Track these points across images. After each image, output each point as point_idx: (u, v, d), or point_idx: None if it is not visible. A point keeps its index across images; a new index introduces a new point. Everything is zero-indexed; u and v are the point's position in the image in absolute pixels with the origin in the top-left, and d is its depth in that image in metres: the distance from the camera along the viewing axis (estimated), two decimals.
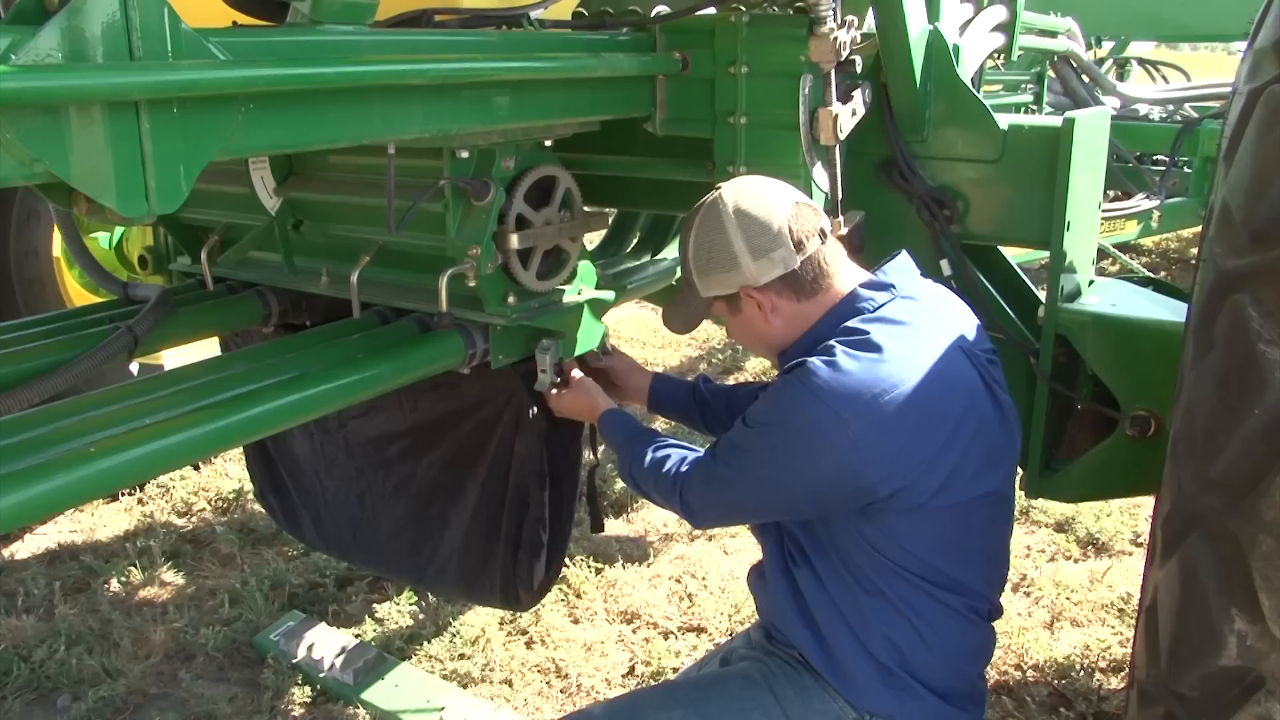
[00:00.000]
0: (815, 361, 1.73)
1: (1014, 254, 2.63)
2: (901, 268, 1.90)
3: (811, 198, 2.00)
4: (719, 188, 1.86)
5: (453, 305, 2.05)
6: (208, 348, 2.73)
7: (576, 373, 2.27)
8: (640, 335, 6.73)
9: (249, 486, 4.23)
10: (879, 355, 1.73)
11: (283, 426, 1.84)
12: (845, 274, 1.87)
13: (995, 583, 1.98)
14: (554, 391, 2.27)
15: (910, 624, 1.85)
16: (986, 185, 2.37)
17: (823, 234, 1.85)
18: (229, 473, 4.67)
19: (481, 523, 2.49)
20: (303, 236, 2.36)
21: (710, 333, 6.77)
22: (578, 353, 2.29)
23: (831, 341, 1.76)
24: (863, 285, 1.85)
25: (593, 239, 3.37)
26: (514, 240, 2.03)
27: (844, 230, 2.16)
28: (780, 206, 1.82)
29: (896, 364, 1.73)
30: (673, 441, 2.07)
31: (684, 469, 1.96)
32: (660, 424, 5.29)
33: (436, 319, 2.07)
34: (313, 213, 2.32)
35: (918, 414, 1.72)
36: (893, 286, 1.86)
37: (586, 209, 2.24)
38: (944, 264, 2.42)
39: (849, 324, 1.80)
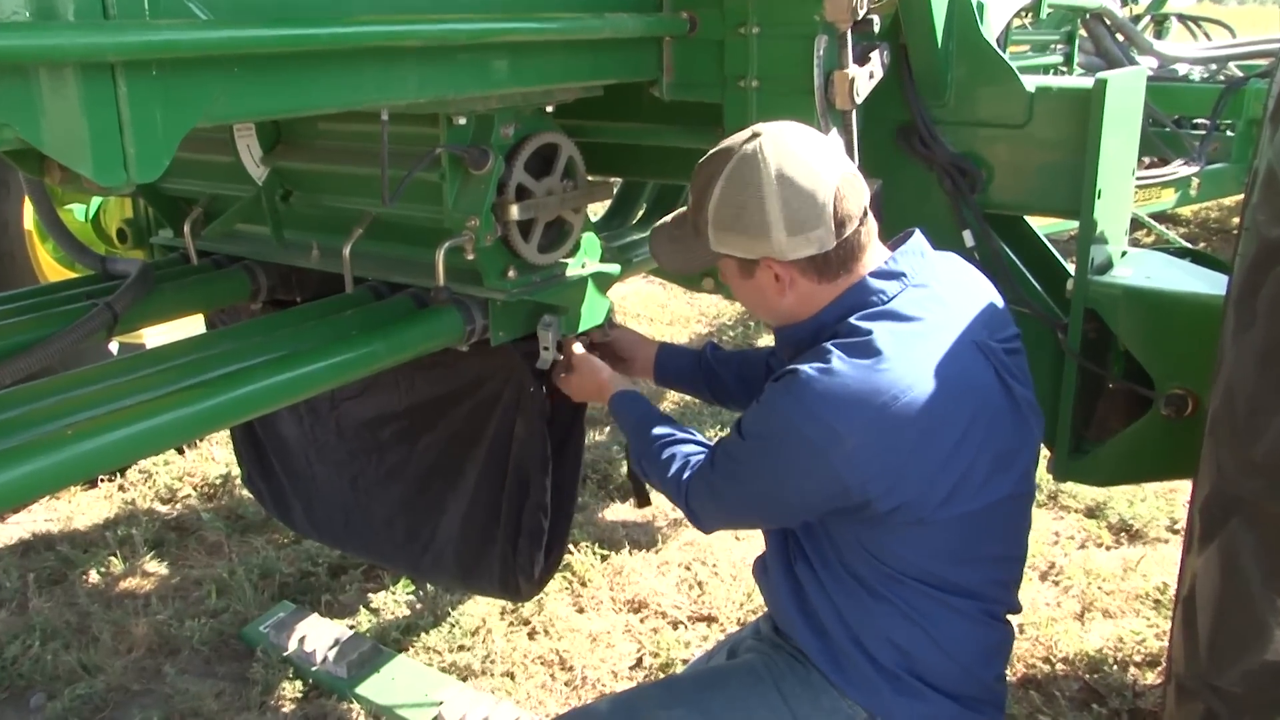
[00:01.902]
0: (808, 370, 1.70)
1: (1041, 224, 2.61)
2: (913, 251, 1.87)
3: None
4: (757, 133, 1.77)
5: (450, 280, 2.05)
6: (192, 325, 2.74)
7: (579, 348, 2.27)
8: (647, 311, 6.73)
9: (236, 471, 4.24)
10: (879, 361, 1.69)
11: (271, 407, 1.83)
12: (871, 258, 1.83)
13: (1010, 584, 1.97)
14: (562, 374, 2.27)
15: (917, 628, 1.84)
16: (1012, 151, 2.35)
17: (865, 213, 1.81)
18: (215, 457, 4.68)
19: (480, 508, 2.50)
20: (292, 208, 2.36)
21: (721, 308, 6.76)
22: (581, 329, 2.29)
23: (828, 345, 1.74)
24: (873, 274, 1.81)
25: (597, 210, 3.37)
26: (514, 211, 2.02)
27: None
28: (828, 177, 1.74)
29: (899, 370, 1.69)
30: (682, 435, 2.07)
31: (688, 474, 1.96)
32: (670, 403, 5.30)
33: (433, 294, 2.07)
34: (302, 183, 2.32)
35: (921, 425, 1.69)
36: (903, 275, 1.82)
37: (590, 178, 2.23)
38: (967, 235, 2.41)
39: (852, 320, 1.77)
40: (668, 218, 1.98)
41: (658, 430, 2.08)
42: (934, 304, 1.81)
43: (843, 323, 1.78)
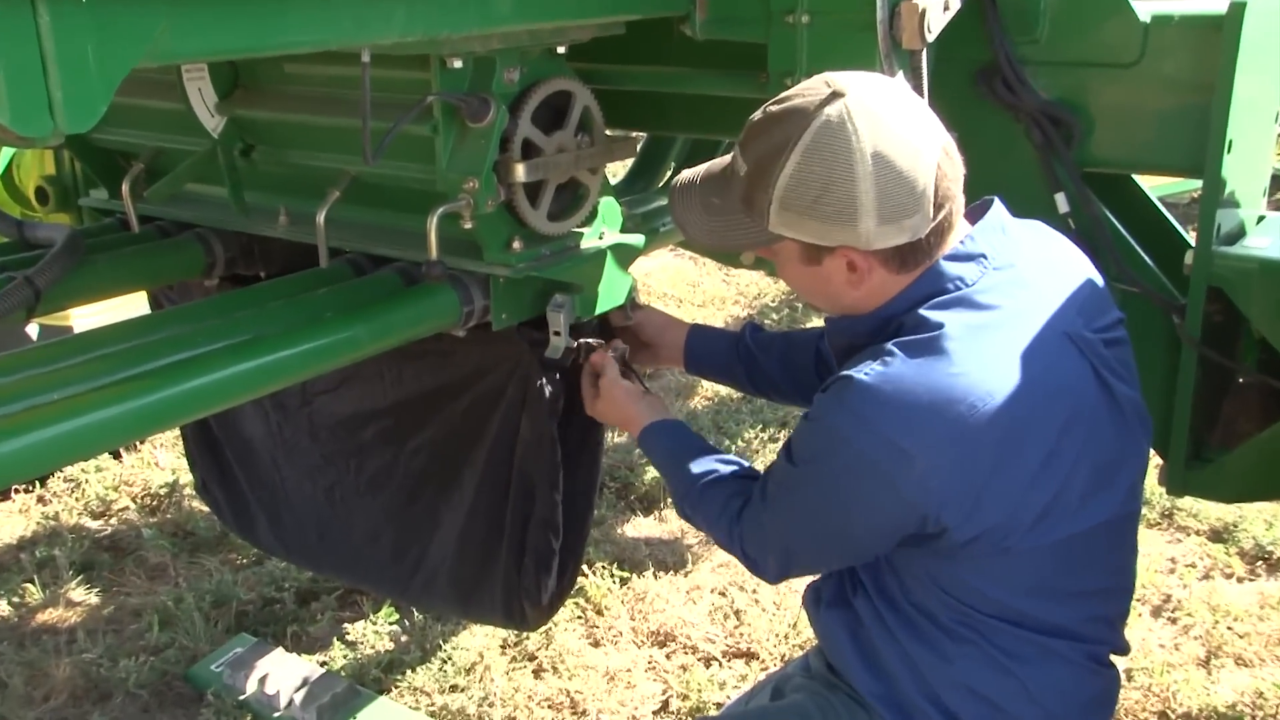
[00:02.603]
0: (864, 375, 1.69)
1: (1153, 184, 2.58)
2: (993, 227, 1.85)
3: None
4: (838, 91, 1.72)
5: (444, 252, 2.05)
6: (132, 305, 2.73)
7: (610, 369, 2.28)
8: (676, 290, 6.74)
9: (187, 479, 4.26)
10: (951, 361, 1.68)
11: (230, 403, 1.83)
12: (955, 239, 1.82)
13: (1116, 620, 1.96)
14: (587, 396, 2.30)
15: (1006, 676, 1.83)
16: (1120, 96, 2.31)
17: (961, 193, 1.80)
18: (160, 462, 4.69)
19: (480, 522, 2.51)
20: (254, 165, 2.35)
21: (763, 286, 6.77)
22: (599, 310, 2.30)
23: (889, 344, 1.73)
24: (948, 257, 1.79)
25: (617, 170, 3.36)
26: (520, 171, 2.02)
27: None
28: (928, 152, 1.71)
29: (976, 372, 1.68)
30: (728, 469, 2.08)
31: (739, 516, 1.97)
32: (702, 397, 5.29)
33: (424, 269, 2.06)
34: (267, 136, 2.31)
35: (1004, 437, 1.68)
36: (983, 257, 1.80)
37: (609, 133, 2.22)
38: (1060, 199, 2.37)
39: (921, 311, 1.76)
40: (694, 173, 1.95)
41: (697, 465, 2.08)
42: (1016, 289, 1.79)
43: (910, 314, 1.77)
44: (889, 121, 1.69)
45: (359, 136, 1.84)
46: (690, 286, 6.76)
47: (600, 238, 2.29)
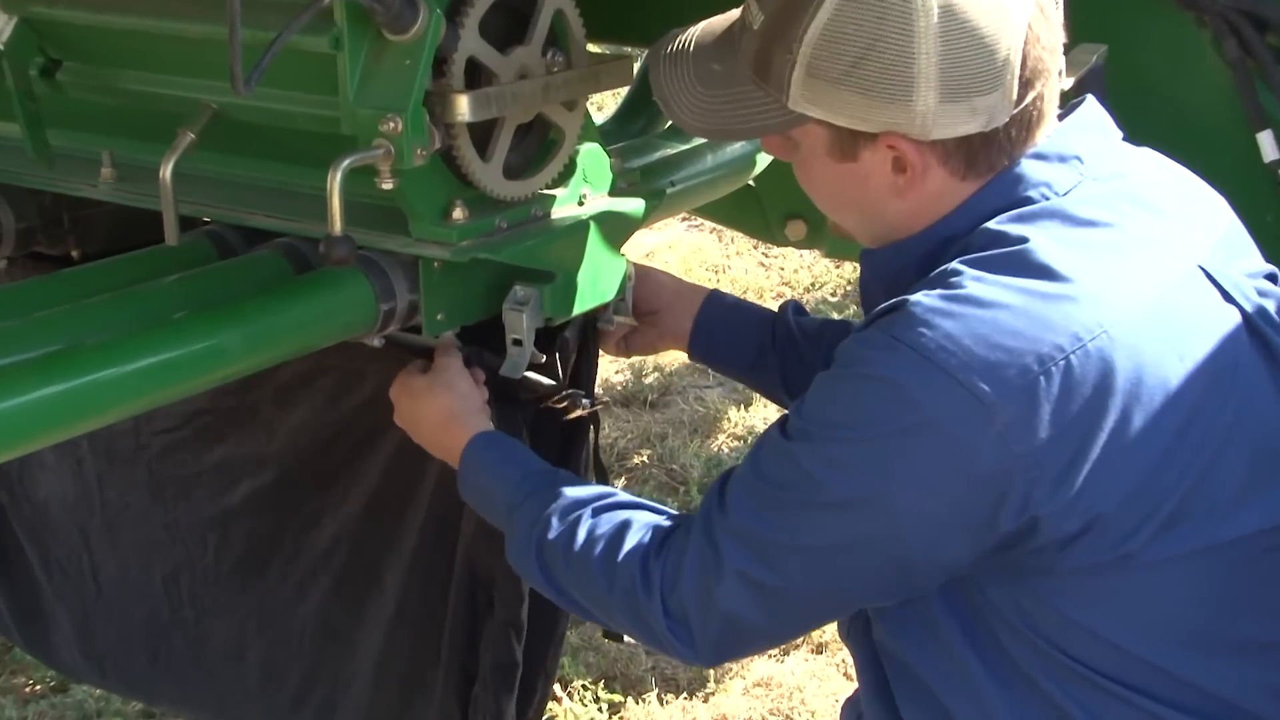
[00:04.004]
0: (924, 301, 1.72)
1: None
2: (1089, 125, 1.90)
3: None
4: None
5: (353, 224, 2.02)
6: None
7: (449, 354, 2.29)
8: (693, 278, 6.71)
9: None
10: (1045, 281, 1.71)
11: (22, 448, 1.84)
12: (1043, 135, 1.85)
13: None
14: (405, 383, 2.28)
15: None
16: None
17: (1058, 72, 1.82)
18: None
19: (406, 632, 2.52)
20: (61, 92, 2.35)
21: (819, 271, 6.77)
22: (577, 310, 2.30)
23: (956, 264, 1.75)
24: (1031, 155, 1.83)
25: (605, 103, 3.32)
26: (463, 106, 2.01)
27: (1067, 82, 2.13)
28: (1017, 11, 1.75)
29: (1080, 297, 1.71)
30: (615, 496, 2.08)
31: (660, 549, 1.94)
32: (727, 438, 5.29)
33: (322, 249, 2.02)
34: (80, 47, 2.31)
35: (1118, 389, 1.70)
36: (1077, 160, 1.85)
37: (591, 48, 2.24)
38: (1265, 139, 2.40)
39: (993, 225, 1.79)
40: (688, 32, 1.98)
41: (561, 494, 2.06)
42: (1127, 204, 1.84)
43: (977, 232, 1.81)
44: None
45: (224, 52, 1.82)
46: (712, 272, 6.77)
47: (580, 203, 2.30)
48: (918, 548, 1.77)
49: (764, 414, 5.44)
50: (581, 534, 1.98)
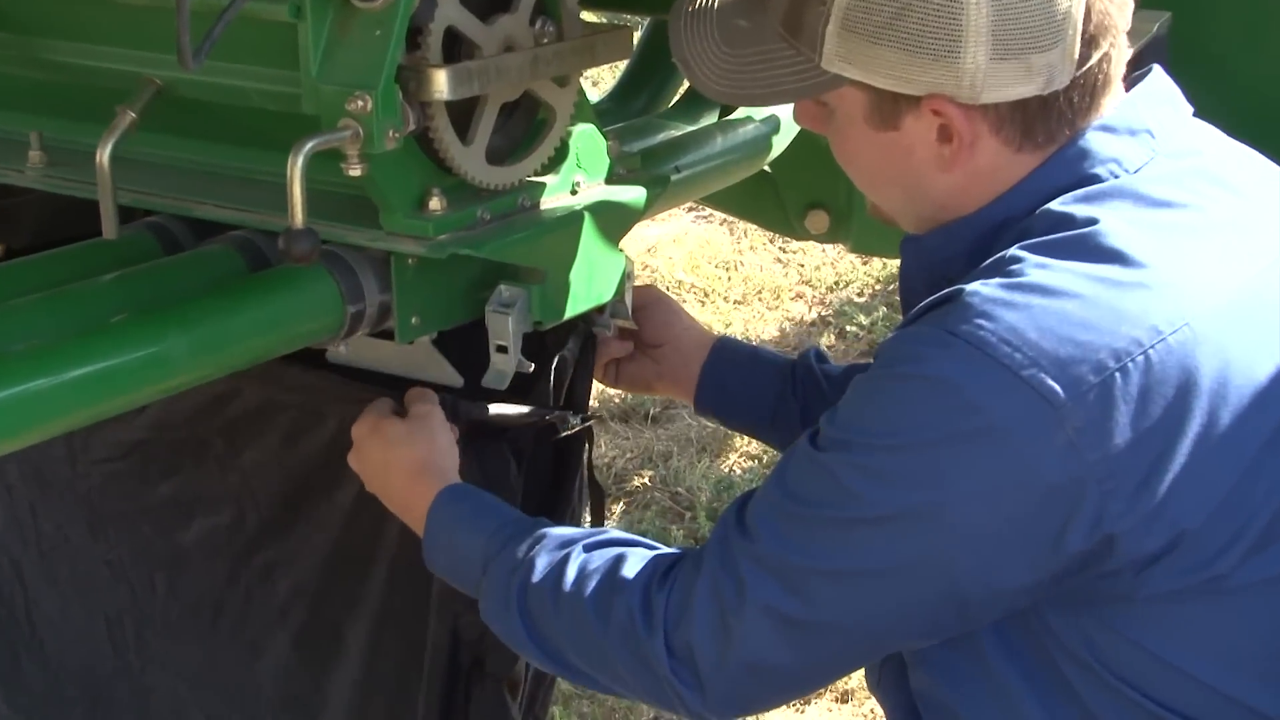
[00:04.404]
0: (982, 290, 1.71)
1: None
2: (1159, 96, 1.91)
3: None
4: None
5: (316, 216, 2.01)
6: None
7: (429, 400, 2.28)
8: (700, 277, 6.78)
9: None
10: (1119, 268, 1.72)
11: None
12: (1107, 109, 1.85)
13: None
14: (377, 426, 2.26)
15: None
16: None
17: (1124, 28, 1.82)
18: None
19: (375, 697, 2.52)
20: None
21: (844, 269, 6.75)
22: (570, 312, 2.30)
23: (1016, 250, 1.75)
24: (1098, 128, 1.83)
25: (601, 77, 3.30)
26: (441, 82, 2.00)
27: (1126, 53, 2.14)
28: None
29: (1159, 286, 1.71)
30: (609, 533, 2.08)
31: (665, 579, 1.93)
32: (739, 458, 5.26)
33: (282, 243, 2.02)
34: (4, 14, 2.28)
35: (1207, 396, 1.70)
36: (1148, 133, 1.85)
37: (586, 17, 2.24)
38: None
39: (1056, 205, 1.79)
40: None
41: (552, 533, 2.06)
42: (1204, 184, 1.85)
43: (1038, 215, 1.81)
44: None
45: (170, 20, 1.82)
46: (723, 270, 6.76)
47: (574, 192, 2.30)
48: (971, 573, 1.77)
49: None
50: (572, 571, 1.97)
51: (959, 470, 1.71)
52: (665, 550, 1.98)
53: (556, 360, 2.34)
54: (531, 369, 2.26)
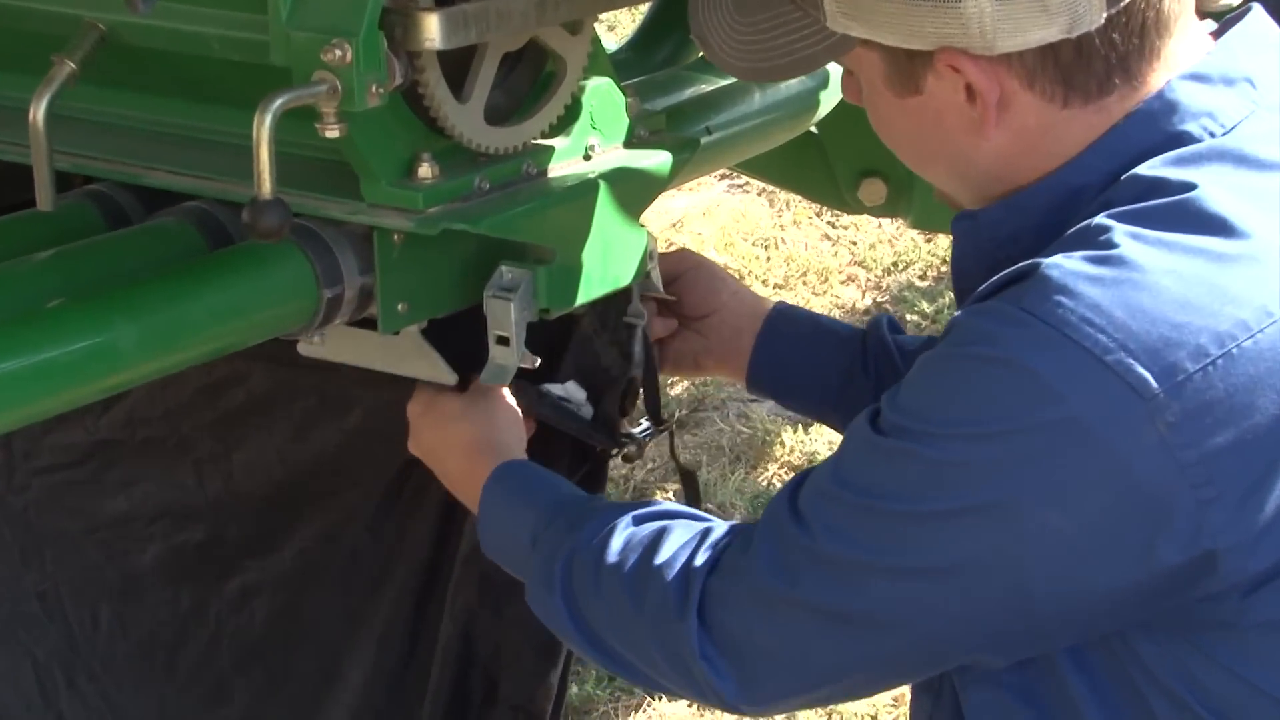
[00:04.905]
0: (1063, 266, 1.70)
1: None
2: (1260, 39, 1.90)
3: None
4: None
5: (286, 185, 2.00)
6: None
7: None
8: (736, 256, 6.79)
9: None
10: (1225, 245, 1.71)
11: None
12: (1178, 50, 1.84)
13: None
14: (432, 403, 2.30)
15: None
16: None
17: None
18: None
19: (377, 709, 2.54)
20: None
21: (902, 250, 6.75)
22: (582, 298, 2.30)
23: (1103, 218, 1.74)
24: (1186, 76, 1.82)
25: (620, 25, 3.29)
26: (432, 28, 1.99)
27: None
28: None
29: (1270, 268, 1.71)
30: (663, 505, 2.11)
31: (704, 557, 1.94)
32: (774, 466, 5.27)
33: (246, 216, 2.01)
34: None
35: None
36: (1248, 82, 1.85)
37: None
38: None
39: (1143, 170, 1.78)
40: None
41: (605, 506, 2.12)
42: None
43: (1123, 181, 1.79)
44: None
45: None
46: (761, 248, 6.77)
47: (587, 157, 2.30)
48: (1043, 580, 1.76)
49: (827, 436, 5.44)
50: (616, 546, 2.01)
51: (1032, 465, 1.71)
52: (715, 526, 2.00)
53: (627, 383, 2.36)
54: (537, 364, 2.26)
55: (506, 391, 2.30)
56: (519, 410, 2.30)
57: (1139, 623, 1.77)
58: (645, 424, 2.40)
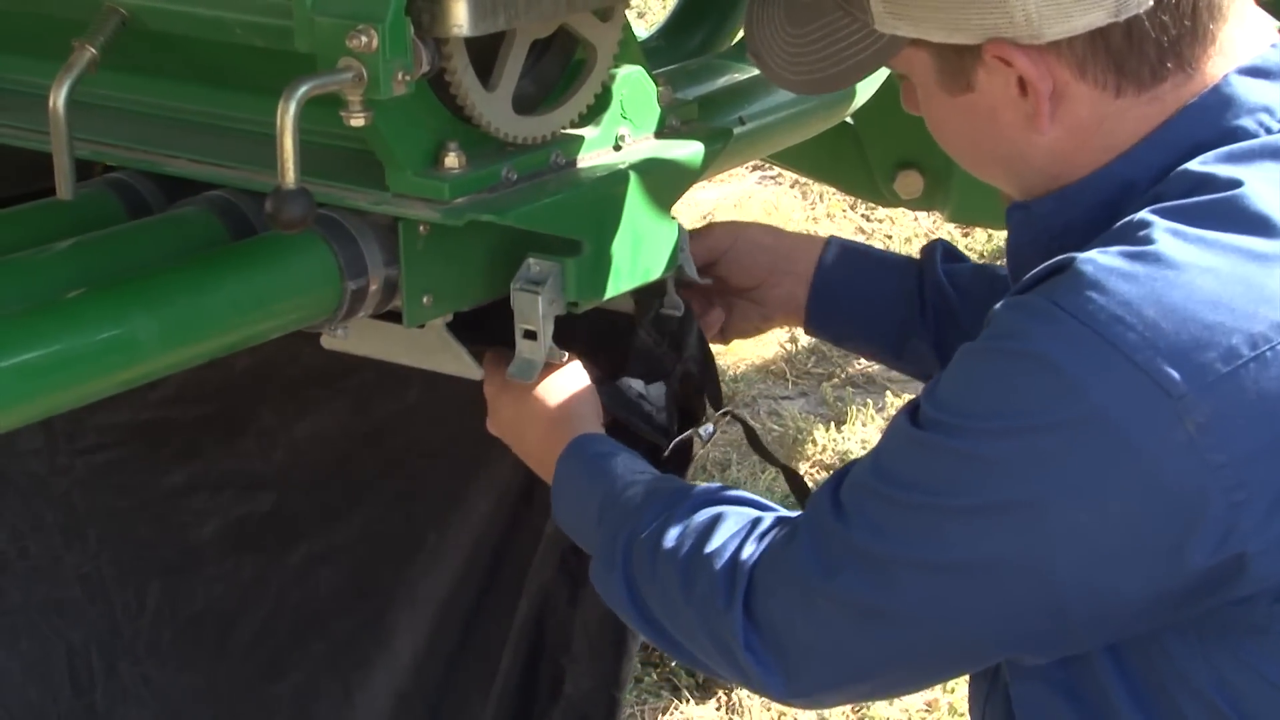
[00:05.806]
0: (1100, 262, 1.70)
1: None
2: None
3: None
4: None
5: (309, 174, 2.01)
6: None
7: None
8: None
9: None
10: (1265, 245, 1.70)
11: None
12: (1234, 39, 1.83)
13: None
14: (496, 384, 2.32)
15: None
16: None
17: None
18: None
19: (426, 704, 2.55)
20: None
21: (939, 235, 6.72)
22: (612, 292, 2.30)
23: (1143, 213, 1.74)
24: (1244, 70, 1.82)
25: (651, 10, 3.29)
26: (460, 15, 1.99)
27: None
28: None
29: None
30: (728, 490, 2.11)
31: (752, 547, 1.96)
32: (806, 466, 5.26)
33: (269, 205, 2.02)
34: None
35: None
36: None
37: None
38: None
39: (1193, 166, 1.77)
40: None
41: (672, 486, 2.13)
42: None
43: (1173, 176, 1.79)
44: None
45: None
46: None
47: (617, 147, 2.29)
48: (1072, 579, 1.76)
49: (862, 434, 5.43)
50: (674, 531, 2.02)
51: (1059, 462, 1.71)
52: (765, 516, 2.01)
53: (682, 376, 2.37)
54: (565, 358, 2.27)
55: (581, 368, 2.31)
56: (594, 386, 2.31)
57: (1171, 625, 1.77)
58: (709, 427, 2.39)
